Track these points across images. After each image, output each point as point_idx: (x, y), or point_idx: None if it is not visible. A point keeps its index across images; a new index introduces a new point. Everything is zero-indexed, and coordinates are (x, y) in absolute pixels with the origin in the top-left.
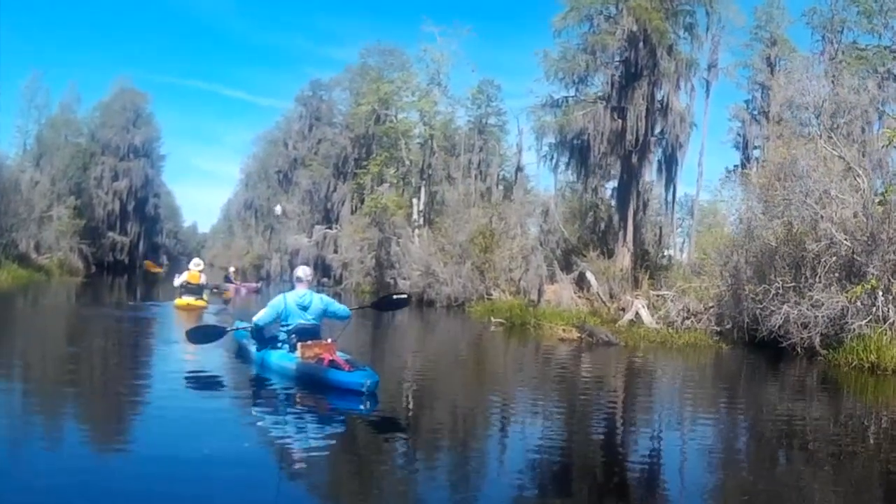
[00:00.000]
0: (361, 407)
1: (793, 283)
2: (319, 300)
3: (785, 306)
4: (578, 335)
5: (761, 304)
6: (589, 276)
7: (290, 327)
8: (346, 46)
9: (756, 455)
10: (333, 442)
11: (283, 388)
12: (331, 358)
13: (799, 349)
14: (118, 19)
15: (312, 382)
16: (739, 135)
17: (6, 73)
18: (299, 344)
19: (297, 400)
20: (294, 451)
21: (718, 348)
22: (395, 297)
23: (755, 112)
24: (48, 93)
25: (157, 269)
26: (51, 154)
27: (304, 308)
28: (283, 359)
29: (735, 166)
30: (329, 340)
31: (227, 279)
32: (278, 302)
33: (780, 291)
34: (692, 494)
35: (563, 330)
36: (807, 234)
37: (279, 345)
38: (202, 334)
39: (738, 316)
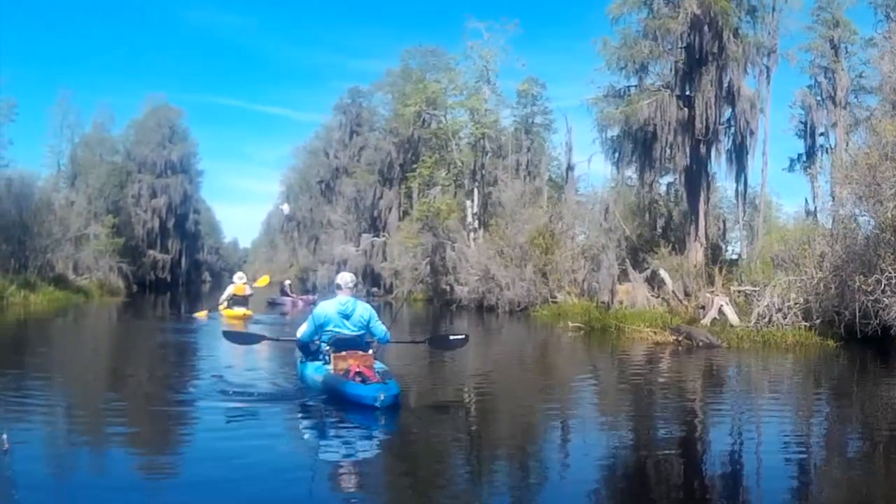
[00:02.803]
0: (379, 423)
1: None
2: (365, 309)
3: None
4: (674, 338)
5: (872, 295)
6: (663, 273)
7: (327, 337)
8: (380, 59)
9: (873, 460)
10: (389, 457)
11: (321, 403)
12: (357, 370)
13: None
14: (148, 41)
15: (335, 396)
16: (802, 122)
17: (37, 95)
18: (333, 355)
19: (335, 416)
20: (344, 469)
21: (825, 345)
22: (452, 337)
23: (821, 97)
24: (79, 113)
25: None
26: (86, 173)
27: (346, 316)
28: (316, 371)
29: (799, 155)
30: (370, 352)
31: (284, 292)
32: (317, 311)
33: (894, 282)
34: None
35: (655, 333)
36: None
37: (320, 356)
38: (239, 336)
39: (843, 310)
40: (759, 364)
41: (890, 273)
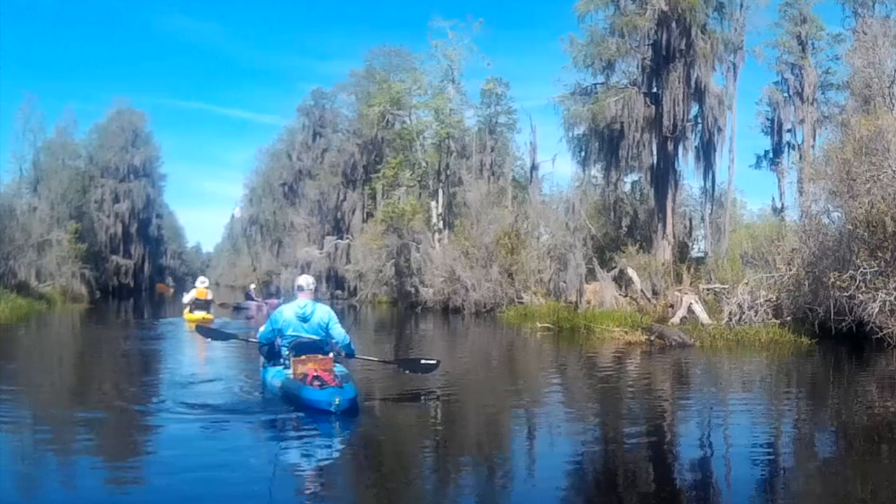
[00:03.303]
0: (335, 428)
1: (876, 268)
2: (324, 312)
3: (881, 293)
4: (646, 338)
5: (847, 292)
6: (630, 272)
7: (287, 341)
8: (345, 60)
9: (848, 457)
10: (353, 463)
11: (283, 411)
12: (315, 374)
13: (894, 340)
14: (114, 46)
15: (293, 402)
16: (769, 119)
17: (1, 100)
18: (292, 359)
19: (297, 424)
20: (307, 477)
21: (799, 343)
22: (423, 361)
23: (788, 94)
24: (43, 117)
25: (169, 290)
26: (49, 178)
27: (304, 319)
28: (276, 376)
29: (766, 151)
30: (331, 355)
31: (249, 296)
32: (276, 314)
33: (868, 277)
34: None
35: (627, 333)
36: (886, 214)
37: (282, 361)
38: (212, 332)
39: (817, 307)
40: (733, 363)
41: (864, 269)
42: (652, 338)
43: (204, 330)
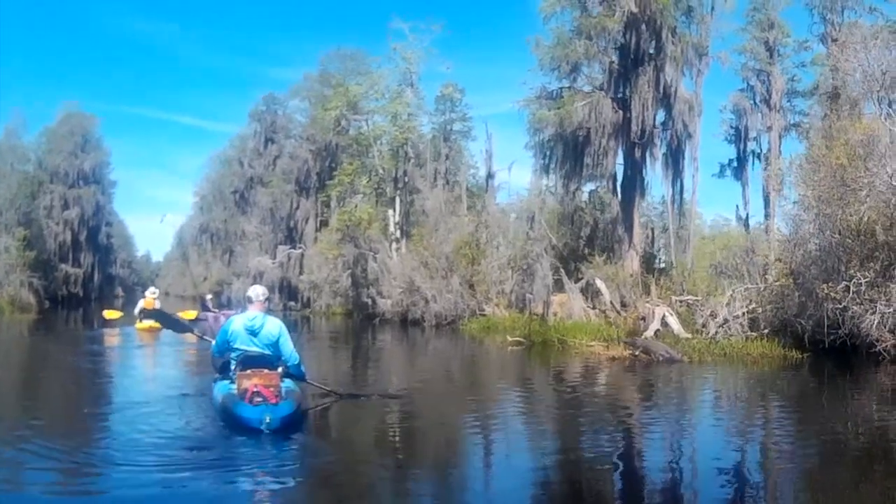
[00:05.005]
0: (266, 447)
1: (870, 279)
2: (275, 326)
3: (879, 305)
4: (630, 352)
5: (840, 304)
6: (599, 283)
7: (234, 354)
8: (301, 66)
9: (843, 475)
10: (305, 487)
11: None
12: (255, 389)
13: (888, 354)
14: (65, 48)
15: (228, 419)
16: (733, 127)
17: None
18: (238, 373)
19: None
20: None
21: (790, 356)
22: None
23: (753, 101)
24: None
25: (117, 315)
26: None
27: (254, 332)
28: (220, 391)
29: (730, 160)
30: (279, 370)
31: (204, 307)
32: (226, 324)
33: (862, 289)
34: None
35: (608, 347)
36: (877, 222)
37: (230, 374)
38: (168, 321)
39: (807, 320)
40: (728, 378)
41: (859, 279)
42: (636, 353)
43: (161, 317)
